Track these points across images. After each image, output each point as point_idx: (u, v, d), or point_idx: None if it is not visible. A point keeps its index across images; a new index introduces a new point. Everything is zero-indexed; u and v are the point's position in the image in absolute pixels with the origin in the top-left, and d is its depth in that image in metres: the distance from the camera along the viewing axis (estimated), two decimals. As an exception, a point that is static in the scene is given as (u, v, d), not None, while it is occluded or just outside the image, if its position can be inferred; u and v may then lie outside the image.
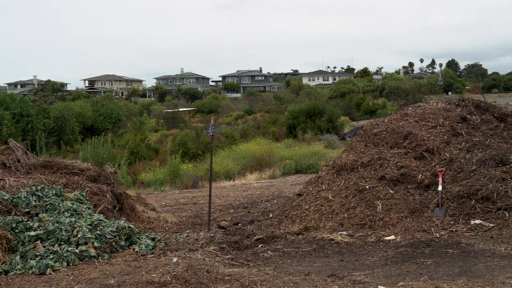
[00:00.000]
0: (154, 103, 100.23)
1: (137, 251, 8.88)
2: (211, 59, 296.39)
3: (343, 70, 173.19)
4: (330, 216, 10.34)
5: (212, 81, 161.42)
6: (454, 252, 7.93)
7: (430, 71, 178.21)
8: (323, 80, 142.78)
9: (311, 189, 11.61)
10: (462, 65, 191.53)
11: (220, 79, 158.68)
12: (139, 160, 28.82)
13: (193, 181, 20.53)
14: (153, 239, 9.46)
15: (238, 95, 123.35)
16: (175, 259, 8.17)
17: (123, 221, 9.71)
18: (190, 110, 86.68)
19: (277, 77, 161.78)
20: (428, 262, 7.53)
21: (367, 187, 10.57)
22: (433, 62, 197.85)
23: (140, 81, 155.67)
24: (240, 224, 11.35)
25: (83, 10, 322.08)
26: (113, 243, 8.97)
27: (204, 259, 8.08)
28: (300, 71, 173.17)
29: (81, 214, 9.63)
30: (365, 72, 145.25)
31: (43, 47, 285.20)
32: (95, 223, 9.22)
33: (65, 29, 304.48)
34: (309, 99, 65.30)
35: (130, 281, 7.05)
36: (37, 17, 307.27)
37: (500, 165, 10.19)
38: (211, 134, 10.97)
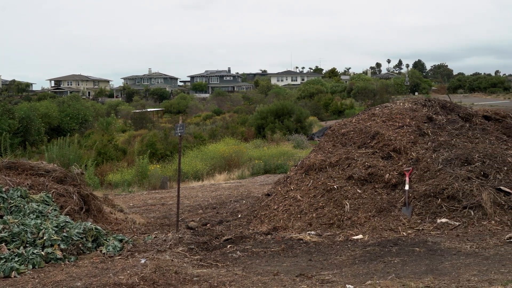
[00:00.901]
0: (121, 103, 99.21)
1: (104, 253, 8.78)
2: (179, 59, 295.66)
3: (312, 70, 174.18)
4: (299, 216, 10.37)
5: (180, 81, 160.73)
6: (421, 251, 8.02)
7: (397, 71, 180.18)
8: (292, 81, 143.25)
9: (279, 189, 11.63)
10: (428, 65, 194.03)
11: (189, 79, 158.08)
12: (106, 161, 28.49)
13: (161, 181, 20.40)
14: (120, 241, 9.37)
15: (207, 95, 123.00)
16: (143, 261, 8.10)
17: (90, 223, 9.59)
18: (158, 110, 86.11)
19: (245, 77, 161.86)
20: (396, 261, 7.60)
21: (335, 186, 10.63)
22: (400, 62, 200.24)
23: (107, 81, 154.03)
24: (208, 225, 11.31)
25: (49, 9, 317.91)
26: (80, 245, 8.86)
27: (172, 260, 8.03)
28: (268, 72, 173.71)
29: (47, 216, 9.48)
30: (333, 73, 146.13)
31: (7, 47, 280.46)
32: (61, 225, 9.09)
33: (30, 29, 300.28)
34: (277, 99, 65.45)
35: (97, 283, 6.96)
36: (1, 17, 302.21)
37: (466, 164, 10.35)
38: (179, 134, 10.90)
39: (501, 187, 9.72)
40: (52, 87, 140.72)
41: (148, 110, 77.86)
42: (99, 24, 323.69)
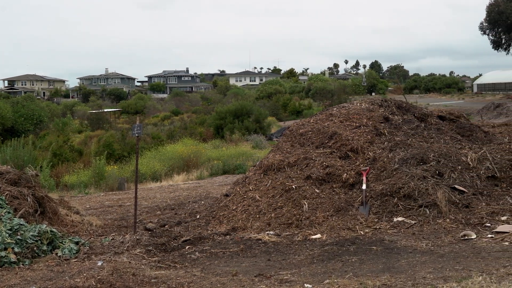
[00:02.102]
0: (77, 103, 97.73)
1: (60, 256, 8.62)
2: (137, 59, 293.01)
3: (270, 71, 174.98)
4: (258, 216, 10.37)
5: (138, 82, 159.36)
6: (378, 249, 8.11)
7: (355, 72, 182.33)
8: (250, 81, 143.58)
9: (238, 189, 11.62)
10: (384, 66, 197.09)
11: (146, 79, 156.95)
12: (62, 162, 28.04)
13: (118, 183, 20.17)
14: (77, 243, 9.22)
15: (165, 95, 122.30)
16: (100, 263, 7.98)
17: (45, 225, 9.40)
18: (115, 111, 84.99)
19: (204, 77, 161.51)
20: (353, 260, 7.67)
21: (293, 186, 10.67)
22: (357, 63, 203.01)
23: (63, 81, 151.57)
24: (167, 226, 11.21)
25: (1, 8, 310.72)
26: (35, 248, 8.67)
27: (130, 262, 7.94)
28: (227, 72, 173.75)
29: (0, 219, 9.25)
30: (291, 73, 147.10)
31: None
32: (15, 227, 8.88)
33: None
34: (236, 99, 65.44)
35: (52, 287, 6.85)
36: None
37: (421, 163, 10.52)
38: (137, 135, 10.79)
39: (456, 186, 9.92)
40: (5, 87, 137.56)
41: (105, 110, 76.81)
42: (54, 23, 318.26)
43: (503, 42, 71.40)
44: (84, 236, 10.42)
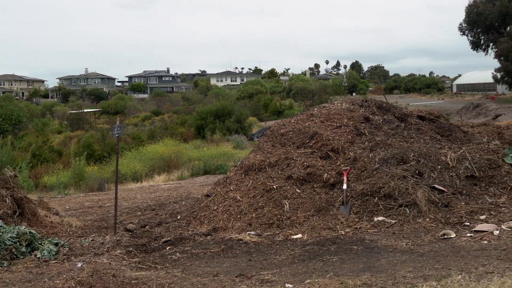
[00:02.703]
0: (57, 104, 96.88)
1: (39, 257, 8.54)
2: (117, 59, 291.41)
3: (251, 71, 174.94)
4: (239, 216, 10.36)
5: (118, 82, 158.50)
6: (359, 249, 8.15)
7: (335, 72, 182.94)
8: (231, 81, 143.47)
9: (219, 189, 11.60)
10: (365, 66, 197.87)
11: (127, 79, 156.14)
12: (41, 163, 27.78)
13: (98, 183, 20.03)
14: (56, 244, 9.14)
15: (145, 95, 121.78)
16: (79, 264, 7.92)
17: (24, 227, 9.31)
18: (95, 111, 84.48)
19: (184, 77, 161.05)
20: (334, 259, 7.69)
21: (274, 186, 10.67)
22: (338, 63, 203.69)
23: (42, 81, 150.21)
24: (147, 227, 11.16)
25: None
26: (13, 250, 8.58)
27: (110, 263, 7.89)
28: (208, 72, 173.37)
29: (-22, 220, 9.15)
30: (272, 73, 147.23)
31: None
32: (-7, 229, 8.79)
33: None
34: (217, 99, 65.36)
35: (31, 289, 6.78)
36: None
37: (401, 163, 10.58)
38: (117, 135, 10.72)
39: (435, 185, 9.99)
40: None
41: (85, 110, 76.32)
42: (33, 23, 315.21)
43: (482, 42, 72.10)
44: (63, 237, 10.34)
